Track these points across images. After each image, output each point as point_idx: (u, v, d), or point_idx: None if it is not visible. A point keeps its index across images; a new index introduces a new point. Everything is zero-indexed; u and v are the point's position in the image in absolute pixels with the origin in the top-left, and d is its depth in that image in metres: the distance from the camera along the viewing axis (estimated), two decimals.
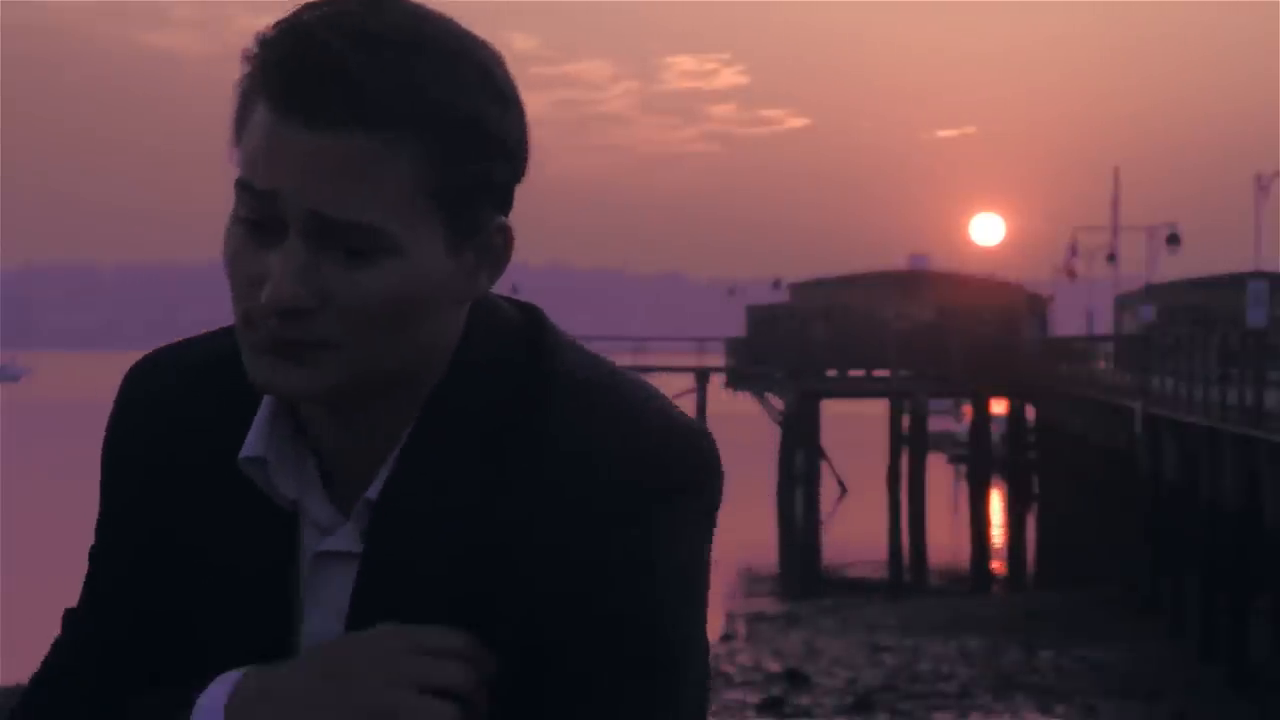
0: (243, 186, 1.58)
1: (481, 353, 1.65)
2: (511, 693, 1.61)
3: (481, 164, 1.59)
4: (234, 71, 1.60)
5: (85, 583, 1.76)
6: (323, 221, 1.55)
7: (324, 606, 1.65)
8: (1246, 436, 23.99)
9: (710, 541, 1.67)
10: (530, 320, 1.69)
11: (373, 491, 1.63)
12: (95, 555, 1.76)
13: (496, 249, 1.63)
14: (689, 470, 1.63)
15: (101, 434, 1.77)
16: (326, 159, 1.54)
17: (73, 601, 1.78)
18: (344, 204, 1.54)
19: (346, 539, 1.65)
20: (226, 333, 1.72)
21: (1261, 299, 43.18)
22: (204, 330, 1.78)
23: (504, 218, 1.63)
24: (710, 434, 1.66)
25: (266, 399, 1.66)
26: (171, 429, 1.72)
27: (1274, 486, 22.93)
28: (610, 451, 1.60)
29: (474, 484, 1.61)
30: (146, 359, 1.77)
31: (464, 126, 1.57)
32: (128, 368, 1.78)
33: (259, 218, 1.57)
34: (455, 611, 1.60)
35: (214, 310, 1.83)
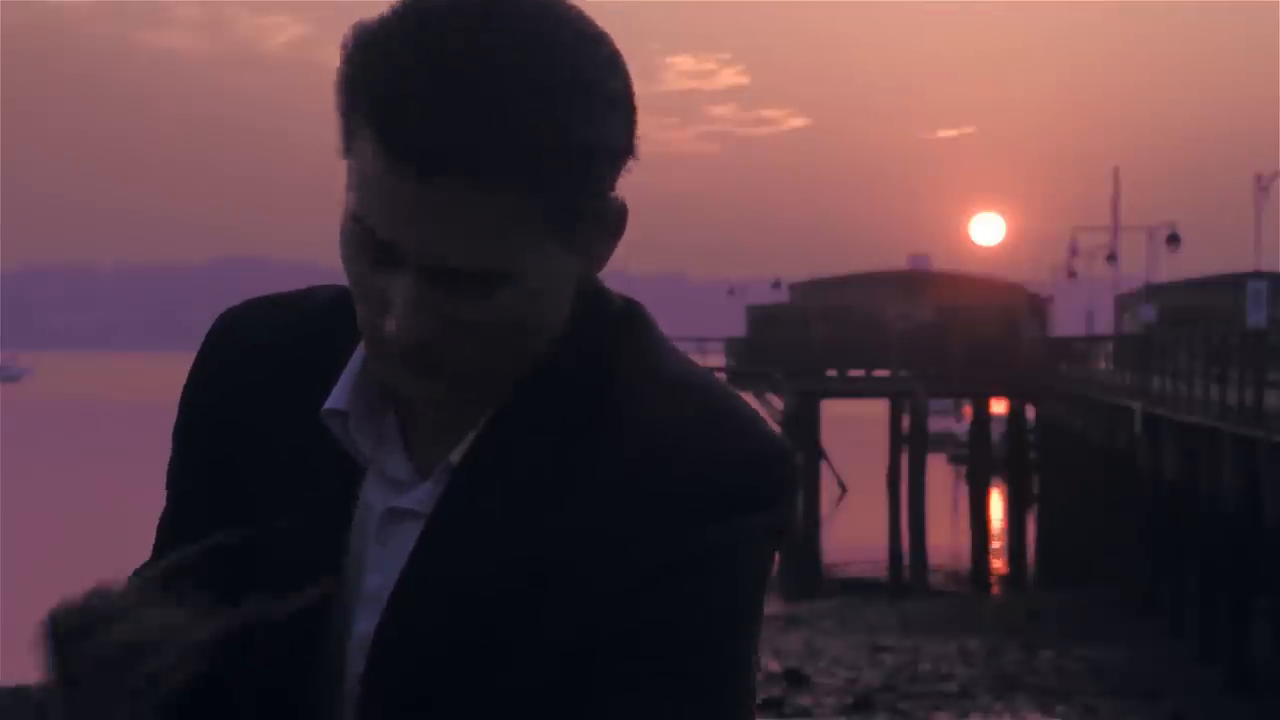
0: (354, 219, 1.57)
1: (581, 340, 1.64)
2: (555, 685, 1.59)
3: (596, 181, 1.58)
4: (235, 72, 1.59)
5: (154, 548, 1.76)
6: (443, 268, 1.55)
7: (390, 562, 1.64)
8: (1246, 436, 23.99)
9: (773, 560, 1.65)
10: (631, 314, 1.69)
11: (455, 455, 1.64)
12: (164, 517, 1.78)
13: (612, 224, 1.63)
14: (763, 486, 1.62)
15: (100, 433, 1.77)
16: (445, 214, 1.53)
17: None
18: (465, 254, 1.54)
19: (422, 499, 1.65)
20: (321, 290, 1.76)
21: (1261, 299, 43.17)
22: (204, 327, 1.78)
23: (614, 193, 1.62)
24: (792, 452, 1.65)
25: (359, 351, 1.68)
26: (254, 378, 1.73)
27: (1274, 486, 22.93)
28: (687, 457, 1.59)
29: (551, 468, 1.61)
30: (236, 308, 1.78)
31: (583, 158, 1.55)
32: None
33: (375, 253, 1.57)
34: (508, 587, 1.59)
35: (214, 310, 1.82)
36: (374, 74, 1.54)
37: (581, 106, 1.55)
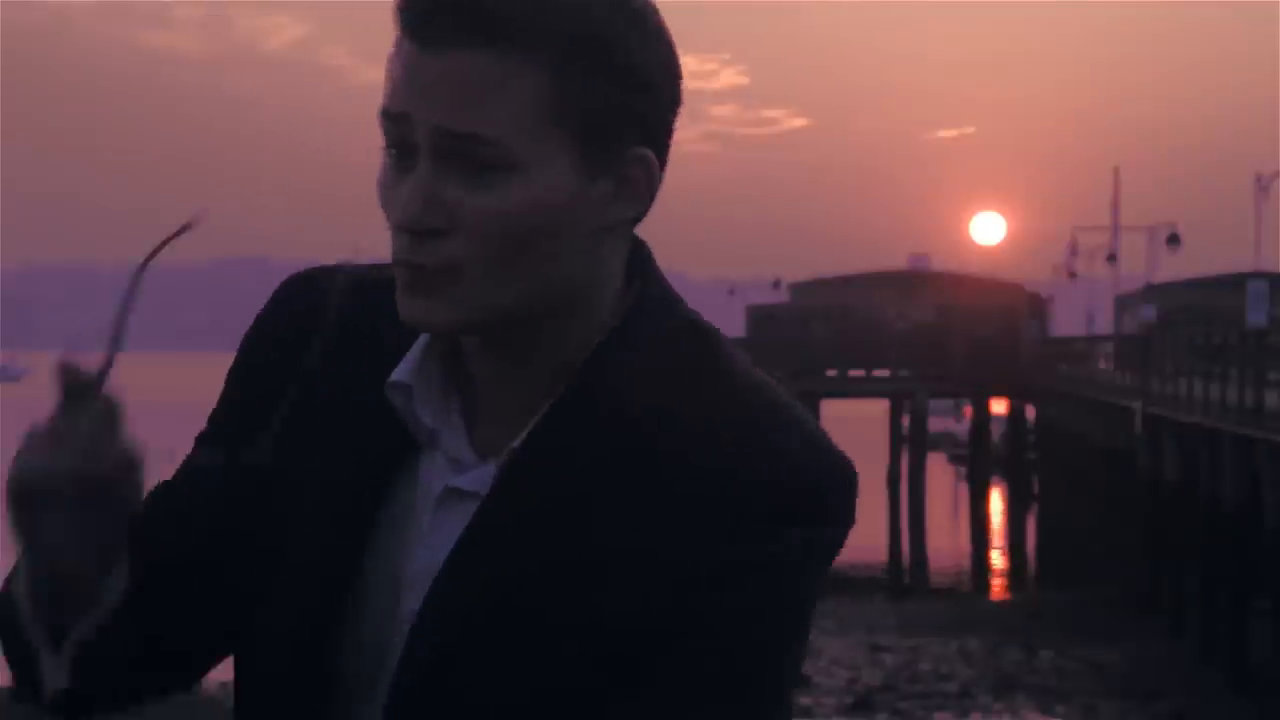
0: (381, 113, 1.61)
1: (652, 328, 1.64)
2: (587, 680, 1.59)
3: (610, 89, 1.59)
4: (235, 72, 1.65)
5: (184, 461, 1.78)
6: (446, 136, 1.57)
7: (441, 541, 1.64)
8: (1246, 436, 23.99)
9: (824, 576, 1.65)
10: (697, 323, 1.68)
11: (518, 440, 1.63)
12: (200, 437, 1.77)
13: (635, 180, 1.62)
14: (832, 502, 1.62)
15: None
16: (449, 78, 1.56)
17: None
18: (465, 117, 1.56)
19: (482, 480, 1.64)
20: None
21: (1261, 299, 43.14)
22: (205, 327, 1.79)
23: (649, 150, 1.62)
24: (854, 471, 1.65)
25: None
26: (320, 334, 1.72)
27: (1274, 486, 22.93)
28: (751, 465, 1.59)
29: (612, 461, 1.60)
30: (313, 269, 1.78)
31: (588, 48, 1.57)
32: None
33: (396, 144, 1.60)
34: (553, 578, 1.59)
35: (214, 310, 1.84)
36: None
37: (609, 8, 1.58)
